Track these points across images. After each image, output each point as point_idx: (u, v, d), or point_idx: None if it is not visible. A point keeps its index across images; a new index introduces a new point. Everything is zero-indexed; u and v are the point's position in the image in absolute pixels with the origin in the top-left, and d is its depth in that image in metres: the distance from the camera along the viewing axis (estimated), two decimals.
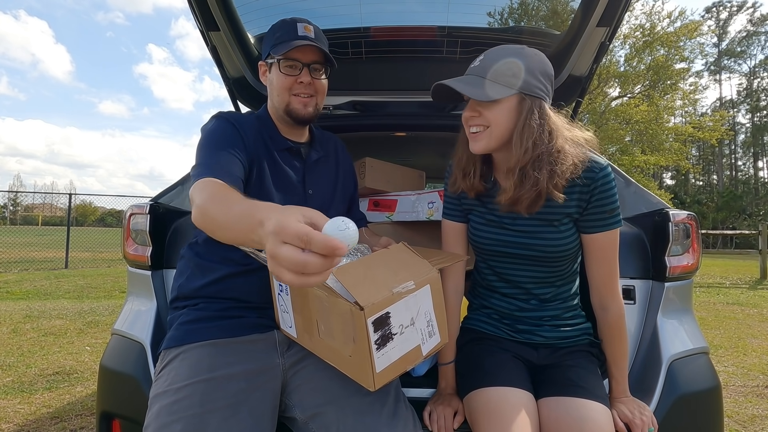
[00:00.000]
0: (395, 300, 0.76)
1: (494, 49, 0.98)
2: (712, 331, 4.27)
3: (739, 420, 2.29)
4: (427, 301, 0.82)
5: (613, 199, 0.98)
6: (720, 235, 24.59)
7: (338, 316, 0.78)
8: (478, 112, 0.97)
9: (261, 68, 1.15)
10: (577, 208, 1.00)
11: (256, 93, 1.93)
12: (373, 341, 0.73)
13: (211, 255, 1.04)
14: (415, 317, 0.80)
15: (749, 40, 41.61)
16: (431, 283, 0.82)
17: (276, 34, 1.09)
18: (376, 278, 0.77)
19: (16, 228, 24.17)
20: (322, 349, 0.88)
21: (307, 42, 1.05)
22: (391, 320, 0.75)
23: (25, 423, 2.11)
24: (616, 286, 1.03)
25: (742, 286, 7.86)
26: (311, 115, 1.12)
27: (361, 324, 0.72)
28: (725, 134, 20.31)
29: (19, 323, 4.09)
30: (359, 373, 0.78)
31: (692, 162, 36.56)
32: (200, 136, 1.04)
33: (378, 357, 0.74)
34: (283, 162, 1.11)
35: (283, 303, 0.95)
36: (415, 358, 0.81)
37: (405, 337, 0.78)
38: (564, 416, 0.91)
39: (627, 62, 18.49)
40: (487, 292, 1.17)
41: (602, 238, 1.00)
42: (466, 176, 1.06)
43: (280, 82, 1.08)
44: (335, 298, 0.76)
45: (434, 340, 0.85)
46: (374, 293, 0.73)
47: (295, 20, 1.10)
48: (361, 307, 0.71)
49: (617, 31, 1.53)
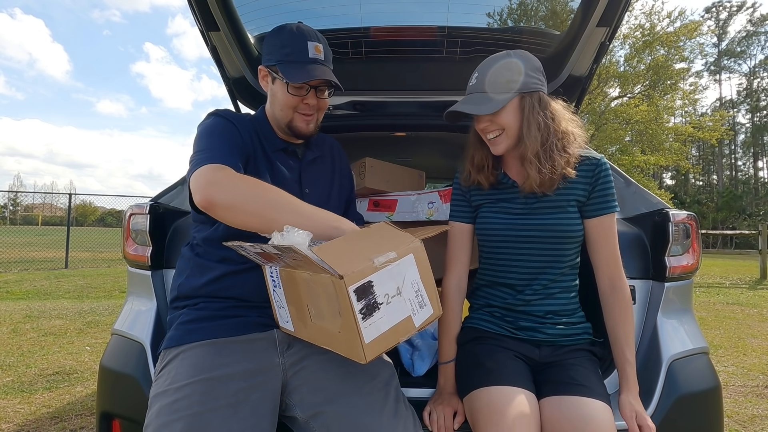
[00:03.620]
0: (377, 269, 0.76)
1: (483, 64, 1.10)
2: (712, 331, 4.27)
3: (739, 420, 2.30)
4: (413, 270, 0.82)
5: (612, 185, 1.10)
6: (720, 235, 24.59)
7: (323, 293, 0.79)
8: (490, 121, 1.08)
9: (261, 72, 1.12)
10: (584, 192, 1.09)
11: (256, 93, 1.93)
12: (357, 310, 0.73)
13: (210, 255, 1.04)
14: (401, 287, 0.80)
15: (749, 40, 41.60)
16: (414, 252, 0.83)
17: (285, 48, 1.05)
18: (357, 251, 0.79)
19: (16, 228, 24.18)
20: (316, 334, 0.88)
21: (318, 73, 1.04)
22: (375, 289, 0.76)
23: (25, 423, 2.11)
24: (621, 267, 1.09)
25: (742, 286, 7.86)
26: (312, 132, 1.14)
27: (343, 294, 0.73)
28: (725, 134, 20.33)
29: (19, 323, 4.09)
30: (350, 349, 0.78)
31: (692, 162, 36.58)
32: (197, 132, 1.04)
33: (365, 327, 0.74)
34: (279, 162, 1.11)
35: (278, 298, 0.95)
36: (408, 330, 0.81)
37: (393, 308, 0.79)
38: (566, 415, 0.91)
39: (627, 62, 18.50)
40: (490, 290, 1.17)
41: (606, 221, 1.09)
42: (480, 171, 1.16)
43: (286, 100, 1.07)
44: (318, 274, 0.78)
45: (426, 311, 0.85)
46: (354, 263, 0.75)
47: (305, 36, 1.05)
48: (340, 275, 0.72)
49: (617, 31, 1.53)
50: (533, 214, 1.10)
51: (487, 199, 1.17)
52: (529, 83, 1.06)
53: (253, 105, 1.98)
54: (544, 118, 1.06)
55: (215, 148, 0.96)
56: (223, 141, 0.99)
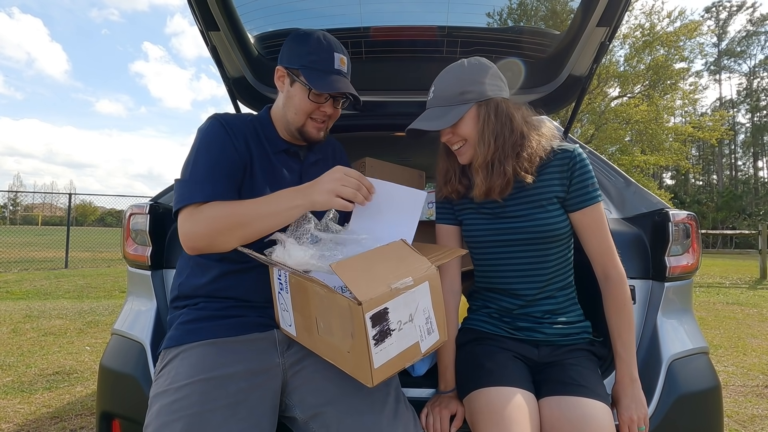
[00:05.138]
0: (393, 296, 0.76)
1: (439, 77, 1.11)
2: (712, 331, 4.27)
3: (739, 420, 2.30)
4: (426, 298, 0.83)
5: (592, 175, 1.07)
6: (720, 235, 24.59)
7: (337, 312, 0.79)
8: (452, 133, 1.09)
9: (278, 72, 1.11)
10: (561, 187, 1.08)
11: (256, 93, 1.93)
12: (371, 336, 0.73)
13: (210, 254, 1.03)
14: (413, 314, 0.80)
15: (749, 40, 41.58)
16: (430, 280, 0.83)
17: (312, 55, 1.05)
18: (375, 274, 0.78)
19: (16, 228, 24.20)
20: (321, 346, 0.88)
21: (341, 85, 1.05)
22: (390, 316, 0.76)
23: (25, 423, 2.11)
24: (614, 256, 1.07)
25: (742, 286, 7.86)
26: (321, 139, 1.15)
27: (359, 319, 0.72)
28: (725, 134, 20.30)
29: (19, 323, 4.09)
30: (357, 370, 0.78)
31: (692, 162, 36.58)
32: (195, 137, 1.05)
33: (376, 353, 0.74)
34: (280, 163, 1.11)
35: (283, 301, 0.95)
36: (414, 356, 0.81)
37: (403, 334, 0.79)
38: (565, 415, 0.91)
39: (627, 62, 18.49)
40: (487, 292, 1.17)
41: (590, 213, 1.07)
42: (448, 182, 1.18)
43: (303, 105, 1.08)
44: (334, 294, 0.77)
45: (433, 338, 0.85)
46: (372, 288, 0.74)
47: (332, 47, 1.07)
48: (359, 302, 0.71)
49: (617, 31, 1.53)
50: (511, 217, 1.10)
51: (466, 206, 1.17)
52: (484, 91, 1.05)
53: (253, 105, 1.98)
54: (499, 125, 1.05)
55: (200, 177, 0.98)
56: (210, 165, 1.00)
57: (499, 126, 1.05)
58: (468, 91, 1.05)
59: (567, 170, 1.07)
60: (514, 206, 1.10)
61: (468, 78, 1.06)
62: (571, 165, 1.06)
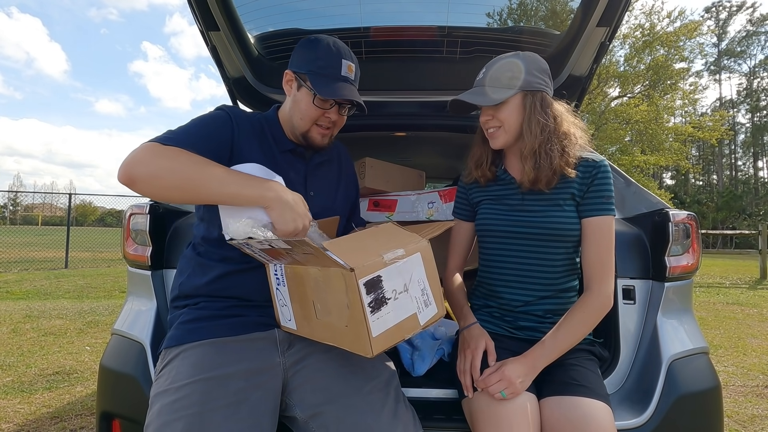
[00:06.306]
0: (386, 264, 0.79)
1: (492, 61, 1.15)
2: (712, 331, 4.27)
3: (739, 420, 2.30)
4: (419, 269, 0.84)
5: (610, 188, 1.09)
6: (720, 235, 24.60)
7: (332, 287, 0.81)
8: (491, 115, 1.12)
9: (287, 76, 1.11)
10: (579, 189, 1.10)
11: (256, 93, 1.93)
12: (366, 303, 0.75)
13: (211, 254, 1.04)
14: (408, 284, 0.82)
15: (749, 40, 41.56)
16: (421, 251, 0.85)
17: (319, 61, 1.05)
18: (365, 248, 0.81)
19: (16, 228, 24.20)
20: (320, 330, 0.88)
21: (347, 92, 1.05)
22: (383, 284, 0.78)
23: (25, 423, 2.11)
24: (606, 275, 1.04)
25: (742, 286, 7.86)
26: (326, 145, 1.15)
27: (353, 286, 0.75)
28: (725, 134, 20.31)
29: (19, 323, 4.09)
30: (357, 343, 0.79)
31: (692, 162, 36.57)
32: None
33: (373, 320, 0.76)
34: (285, 163, 1.11)
35: (281, 296, 0.95)
36: (413, 328, 0.82)
37: (399, 303, 0.80)
38: (566, 415, 0.91)
39: (627, 62, 18.50)
40: (490, 287, 1.18)
41: (598, 222, 1.07)
42: (479, 167, 1.21)
43: (309, 111, 1.08)
44: (328, 268, 0.79)
45: (431, 311, 0.86)
46: (363, 258, 0.77)
47: (340, 54, 1.07)
48: (351, 268, 0.74)
49: (617, 31, 1.53)
50: (528, 210, 1.12)
51: (487, 196, 1.21)
52: (532, 82, 1.08)
53: (253, 105, 1.98)
54: (545, 118, 1.08)
55: (181, 132, 0.95)
56: (198, 129, 0.98)
57: (544, 118, 1.08)
58: (516, 78, 1.08)
59: (589, 176, 1.09)
60: (533, 202, 1.12)
61: (519, 67, 1.09)
62: (594, 172, 1.09)
